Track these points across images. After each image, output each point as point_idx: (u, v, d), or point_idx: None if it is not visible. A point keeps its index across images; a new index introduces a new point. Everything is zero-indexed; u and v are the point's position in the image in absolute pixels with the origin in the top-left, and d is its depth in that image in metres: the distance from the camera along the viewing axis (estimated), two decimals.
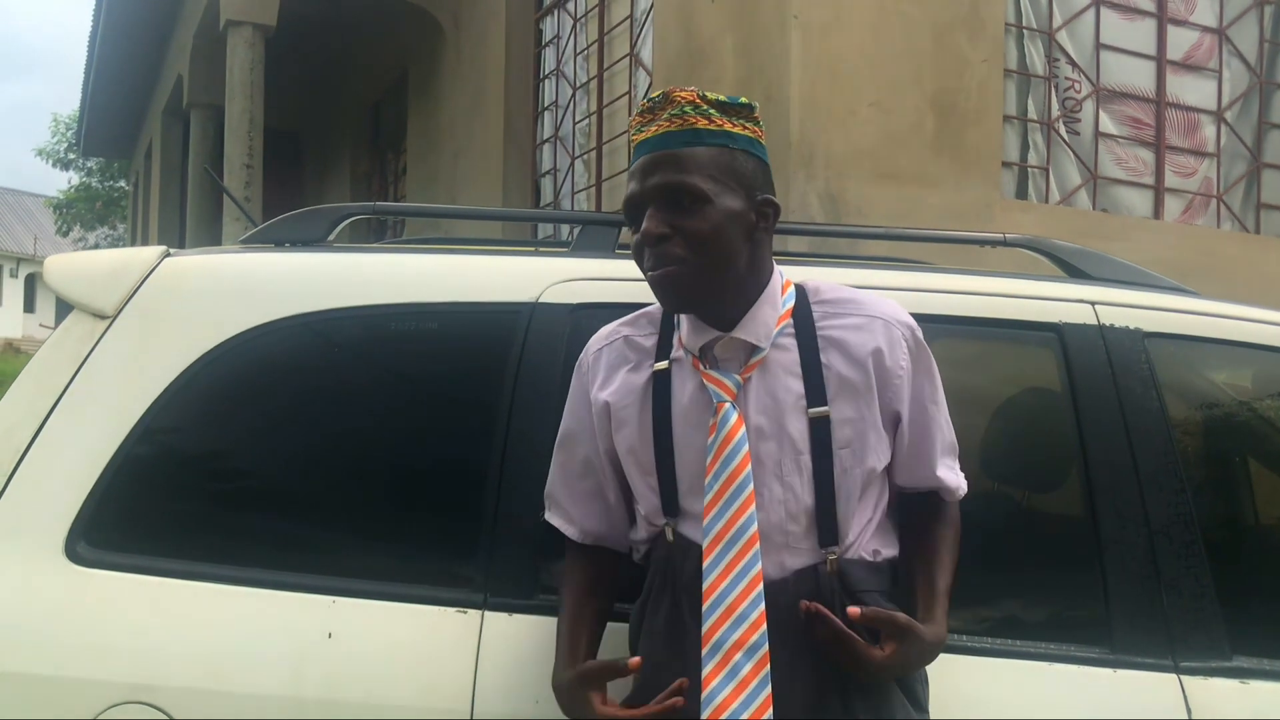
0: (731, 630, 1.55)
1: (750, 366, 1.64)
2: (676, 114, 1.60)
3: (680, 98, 1.61)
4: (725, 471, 1.59)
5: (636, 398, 1.69)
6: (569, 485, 1.80)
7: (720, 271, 1.60)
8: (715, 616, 1.56)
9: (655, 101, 1.63)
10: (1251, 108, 6.22)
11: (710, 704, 1.54)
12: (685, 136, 1.59)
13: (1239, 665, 1.87)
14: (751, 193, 1.62)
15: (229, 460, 1.95)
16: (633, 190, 1.62)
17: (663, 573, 1.66)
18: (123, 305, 1.93)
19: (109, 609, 1.79)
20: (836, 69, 4.77)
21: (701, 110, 1.60)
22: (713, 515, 1.59)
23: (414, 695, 1.76)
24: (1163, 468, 1.95)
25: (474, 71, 8.66)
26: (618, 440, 1.72)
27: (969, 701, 1.78)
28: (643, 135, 1.62)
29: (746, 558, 1.57)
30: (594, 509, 1.79)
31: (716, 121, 1.61)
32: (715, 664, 1.55)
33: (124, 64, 15.15)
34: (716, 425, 1.61)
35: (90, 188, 28.34)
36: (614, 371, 1.74)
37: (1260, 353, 2.15)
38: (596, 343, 1.79)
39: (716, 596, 1.56)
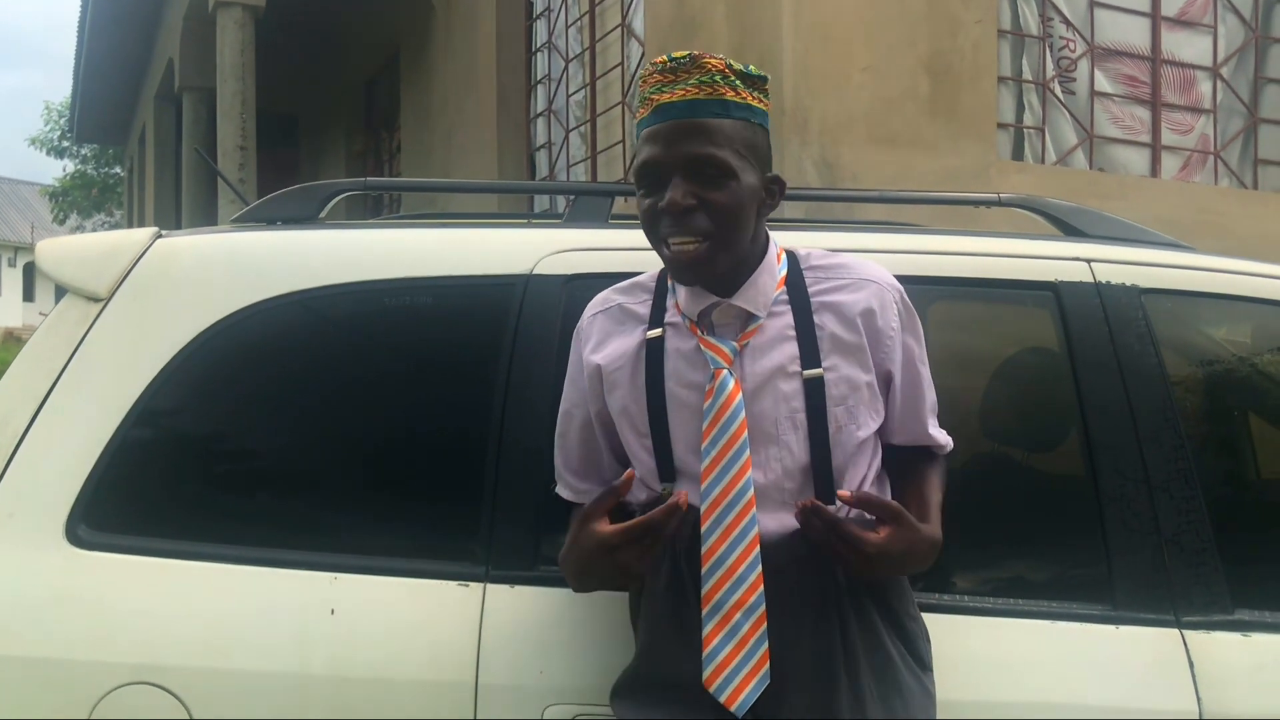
0: (731, 591, 1.58)
1: (748, 334, 1.66)
2: (706, 81, 1.58)
3: (710, 65, 1.58)
4: (723, 437, 1.61)
5: (629, 361, 1.71)
6: (570, 455, 1.81)
7: (737, 247, 1.62)
8: (715, 578, 1.59)
9: (680, 62, 1.60)
10: (1247, 63, 6.19)
11: (712, 662, 1.57)
12: (714, 107, 1.58)
13: (1240, 618, 1.88)
14: (765, 167, 1.65)
15: (227, 439, 1.96)
16: (656, 155, 1.60)
17: (660, 535, 1.64)
18: (116, 287, 1.93)
19: (111, 591, 1.79)
20: (829, 34, 4.74)
21: (730, 81, 1.59)
22: (711, 479, 1.61)
23: (418, 668, 1.77)
24: (1162, 424, 1.95)
25: (465, 47, 8.62)
26: (610, 403, 1.73)
27: (972, 661, 1.79)
28: (668, 97, 1.59)
29: (744, 520, 1.59)
30: (595, 477, 1.80)
31: (741, 94, 1.60)
32: (715, 624, 1.58)
33: (114, 49, 15.08)
34: (714, 391, 1.62)
35: (85, 175, 28.30)
36: (607, 336, 1.75)
37: (1258, 306, 2.14)
38: (591, 309, 1.80)
39: (716, 559, 1.59)
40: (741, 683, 1.57)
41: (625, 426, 1.72)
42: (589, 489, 1.79)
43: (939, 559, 1.65)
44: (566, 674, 1.77)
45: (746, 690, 1.57)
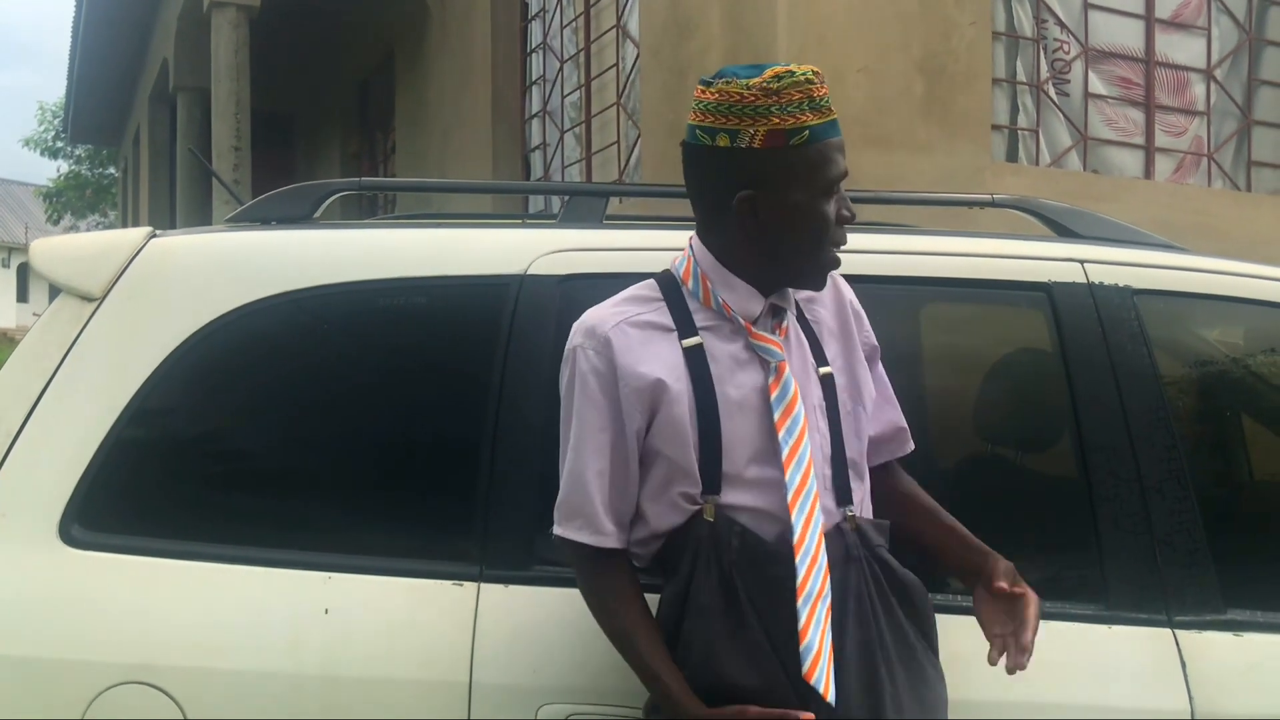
0: (815, 580, 1.59)
1: (784, 329, 1.70)
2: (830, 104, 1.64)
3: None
4: (797, 425, 1.64)
5: (678, 366, 1.65)
6: (611, 490, 1.66)
7: None
8: (805, 567, 1.59)
9: (821, 79, 1.63)
10: (1241, 65, 6.20)
11: (810, 654, 1.56)
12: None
13: (1233, 618, 1.88)
14: None
15: (221, 439, 1.96)
16: (845, 168, 1.65)
17: (706, 555, 1.62)
18: (110, 287, 1.93)
19: (105, 591, 1.79)
20: (824, 35, 4.75)
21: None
22: (792, 468, 1.63)
23: (413, 668, 1.77)
24: (1154, 424, 1.96)
25: (460, 47, 8.62)
26: (660, 419, 1.65)
27: (966, 661, 1.79)
28: (833, 116, 1.63)
29: (816, 508, 1.63)
30: (627, 515, 1.69)
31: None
32: (808, 614, 1.58)
33: (108, 50, 15.06)
34: (780, 381, 1.65)
35: (80, 175, 28.22)
36: (646, 347, 1.66)
37: (1251, 307, 2.15)
38: (606, 323, 1.67)
39: (805, 548, 1.60)
40: (827, 671, 1.57)
41: (670, 441, 1.65)
42: (617, 533, 1.67)
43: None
44: (560, 673, 1.77)
45: (830, 677, 1.57)
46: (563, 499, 1.67)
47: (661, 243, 2.04)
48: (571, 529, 1.66)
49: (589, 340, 1.66)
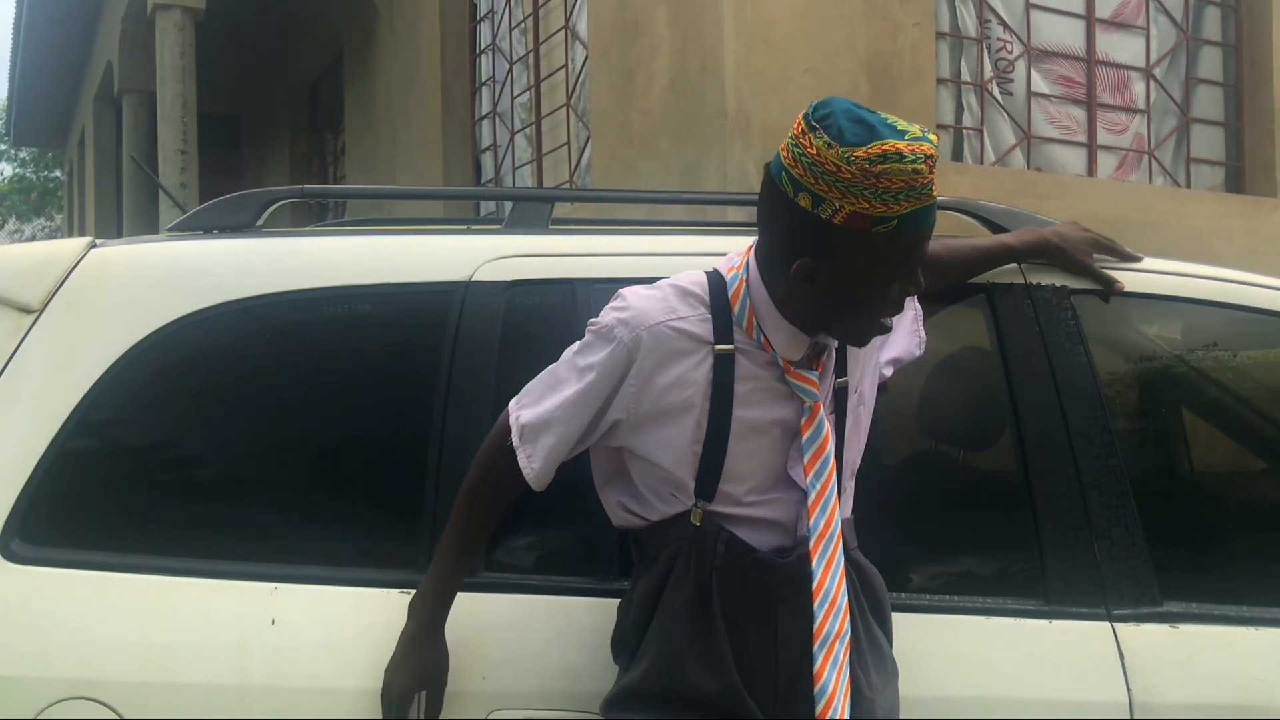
0: (834, 622, 1.60)
1: (822, 364, 1.69)
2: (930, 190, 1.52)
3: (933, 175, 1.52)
4: (825, 471, 1.64)
5: (701, 386, 1.64)
6: (558, 443, 1.68)
7: None
8: (824, 611, 1.60)
9: (932, 161, 1.51)
10: (1179, 64, 6.31)
11: (824, 697, 1.58)
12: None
13: (1169, 610, 1.92)
14: None
15: (164, 451, 1.94)
16: (918, 239, 1.55)
17: (685, 555, 1.64)
18: (49, 298, 1.91)
19: (48, 606, 1.77)
20: (770, 37, 4.78)
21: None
22: (817, 515, 1.63)
23: (360, 677, 1.76)
24: (1092, 421, 1.99)
25: (409, 48, 8.57)
26: (656, 428, 1.66)
27: (909, 657, 1.82)
28: (934, 196, 1.53)
29: (840, 552, 1.63)
30: (557, 461, 1.71)
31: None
32: (824, 657, 1.59)
33: (51, 51, 14.82)
34: (813, 426, 1.65)
35: (24, 179, 27.76)
36: (674, 361, 1.64)
37: (1184, 306, 2.19)
38: (647, 320, 1.63)
39: (825, 593, 1.61)
40: (841, 712, 1.58)
41: (671, 452, 1.66)
42: (546, 474, 1.70)
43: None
44: (510, 679, 1.78)
45: (847, 714, 1.59)
46: (528, 413, 1.69)
47: (608, 248, 2.06)
48: (520, 435, 1.69)
49: (623, 329, 1.63)
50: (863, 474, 1.84)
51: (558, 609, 1.83)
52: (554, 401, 1.68)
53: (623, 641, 1.72)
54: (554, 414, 1.67)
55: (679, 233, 2.21)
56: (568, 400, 1.67)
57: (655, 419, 1.65)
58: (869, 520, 1.81)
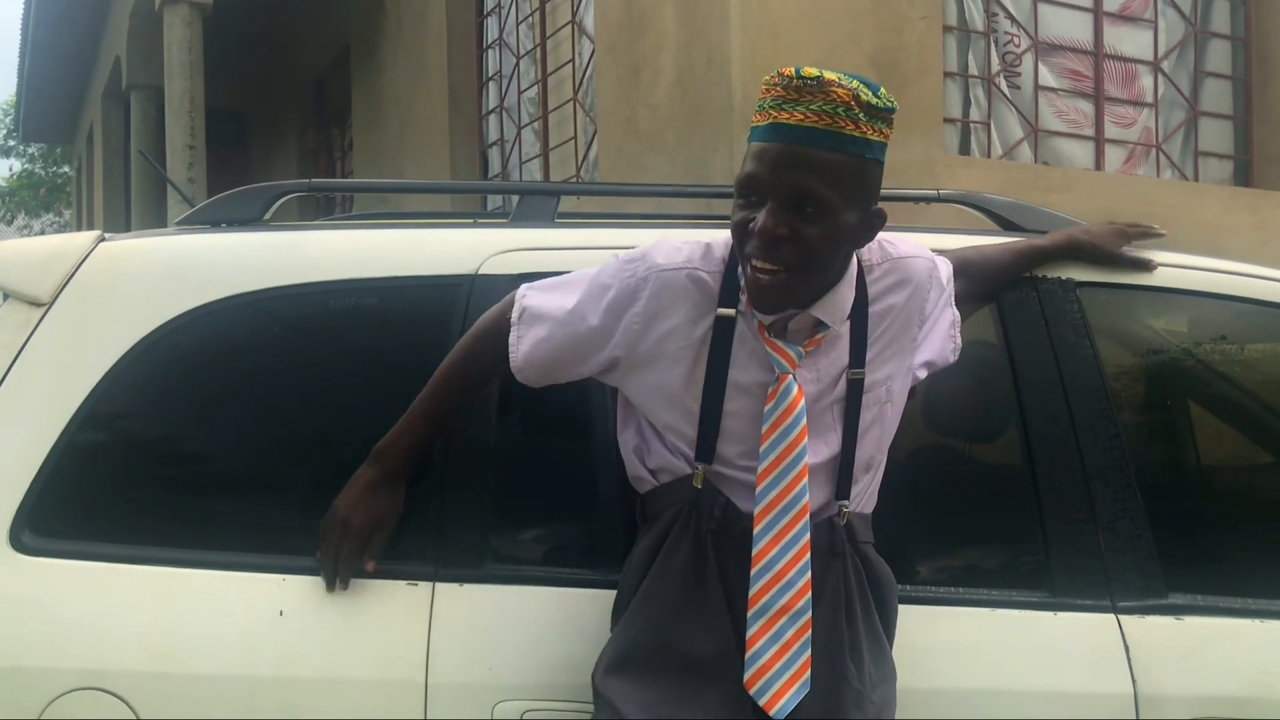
0: (778, 596, 1.60)
1: (816, 341, 1.66)
2: (827, 109, 1.52)
3: (836, 94, 1.52)
4: (783, 443, 1.63)
5: (692, 345, 1.66)
6: (551, 347, 1.73)
7: (819, 279, 1.61)
8: (763, 582, 1.61)
9: (806, 82, 1.53)
10: (1187, 57, 6.29)
11: (754, 665, 1.60)
12: (829, 139, 1.53)
13: (1174, 602, 1.92)
14: (868, 204, 1.61)
15: (173, 443, 1.95)
16: (759, 174, 1.56)
17: (685, 516, 1.67)
18: (58, 292, 1.92)
19: (57, 597, 1.78)
20: (777, 31, 4.77)
21: (852, 113, 1.53)
22: (766, 484, 1.63)
23: (369, 668, 1.77)
24: (1097, 414, 1.99)
25: (416, 43, 8.58)
26: (659, 375, 1.68)
27: (915, 649, 1.82)
28: (783, 117, 1.54)
29: (797, 528, 1.62)
30: (543, 361, 1.75)
31: (862, 128, 1.54)
32: (760, 627, 1.60)
33: (60, 47, 14.87)
34: (777, 395, 1.64)
35: (33, 174, 27.82)
36: (680, 309, 1.66)
37: (1191, 299, 2.19)
38: (669, 264, 1.67)
39: (766, 563, 1.61)
40: (783, 687, 1.60)
41: (663, 401, 1.70)
42: (531, 367, 1.75)
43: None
44: (515, 671, 1.78)
45: (787, 696, 1.60)
46: (534, 299, 1.75)
47: (614, 241, 2.06)
48: (519, 315, 1.75)
49: (642, 265, 1.67)
50: None
51: (564, 601, 1.84)
52: (561, 301, 1.73)
53: (620, 604, 1.73)
54: (556, 312, 1.72)
55: (685, 226, 2.21)
56: (574, 307, 1.71)
57: (650, 363, 1.68)
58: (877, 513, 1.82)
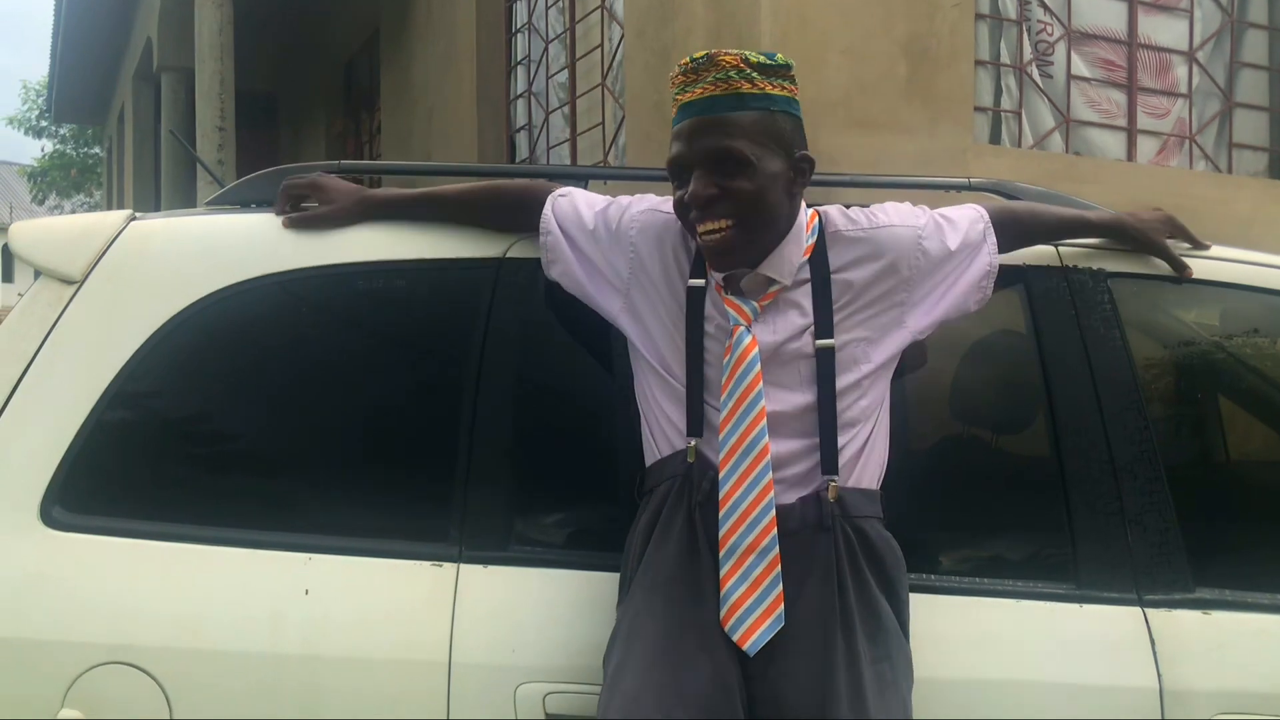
0: (745, 535, 1.67)
1: (767, 296, 1.75)
2: (721, 78, 1.68)
3: (724, 61, 1.68)
4: (739, 389, 1.70)
5: (673, 306, 1.80)
6: (584, 218, 1.88)
7: (765, 230, 1.72)
8: (730, 522, 1.68)
9: (698, 63, 1.70)
10: (1223, 47, 6.21)
11: (727, 601, 1.67)
12: (730, 101, 1.68)
13: (1201, 596, 1.91)
14: (790, 151, 1.73)
15: (201, 421, 1.97)
16: (680, 151, 1.71)
17: (679, 489, 1.74)
18: (90, 269, 1.93)
19: (86, 572, 1.80)
20: (807, 17, 4.74)
21: (745, 74, 1.68)
22: (728, 429, 1.70)
23: (392, 648, 1.79)
24: (1126, 406, 1.98)
25: (444, 27, 8.58)
26: (653, 325, 1.81)
27: (940, 640, 1.82)
28: (688, 96, 1.70)
29: (758, 468, 1.68)
30: (575, 220, 1.89)
31: (759, 85, 1.69)
32: (730, 566, 1.67)
33: (92, 28, 14.95)
34: (732, 346, 1.72)
35: (64, 155, 28.03)
36: (663, 239, 1.83)
37: (1223, 290, 2.17)
38: (658, 211, 1.85)
39: (732, 504, 1.68)
40: (754, 623, 1.65)
41: (653, 372, 1.80)
42: (557, 230, 1.89)
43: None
44: (538, 653, 1.80)
45: (759, 631, 1.65)
46: (571, 191, 1.94)
47: None
48: (561, 194, 1.92)
49: (640, 208, 1.86)
50: (893, 456, 1.84)
51: (587, 584, 1.84)
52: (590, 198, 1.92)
53: (624, 581, 1.77)
54: (587, 198, 1.92)
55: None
56: (599, 201, 1.91)
57: (646, 301, 1.81)
58: (901, 502, 1.81)
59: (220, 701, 1.76)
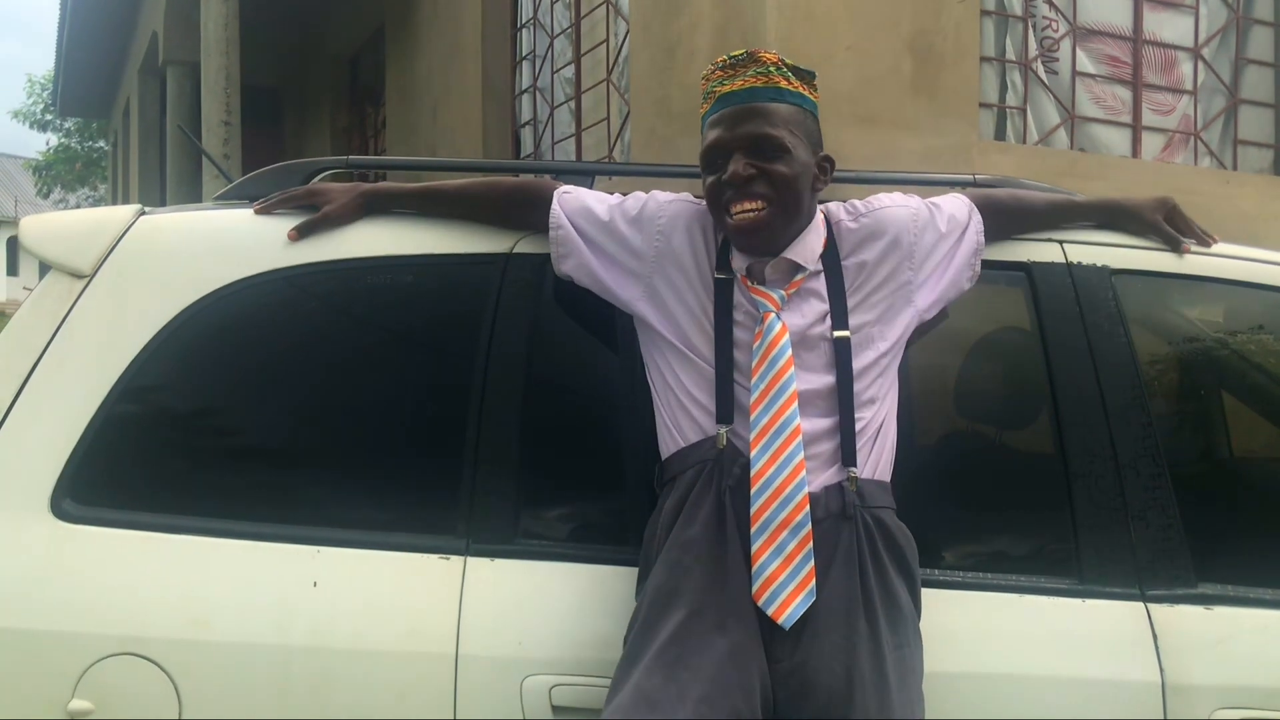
0: (779, 511, 1.71)
1: (795, 283, 1.83)
2: (762, 72, 1.80)
3: (766, 59, 1.80)
4: (771, 371, 1.76)
5: (700, 297, 1.85)
6: (596, 213, 1.92)
7: (793, 216, 1.81)
8: (763, 499, 1.72)
9: (738, 59, 1.81)
10: (1229, 44, 6.21)
11: (760, 576, 1.70)
12: (771, 93, 1.80)
13: (1204, 592, 1.92)
14: (816, 149, 1.85)
15: (211, 415, 1.98)
16: (720, 136, 1.80)
17: (708, 474, 1.77)
18: (99, 264, 1.95)
19: (96, 564, 1.82)
20: (813, 13, 4.75)
21: (783, 72, 1.81)
22: (759, 410, 1.75)
23: (399, 640, 1.80)
24: (1130, 402, 1.99)
25: (450, 22, 8.59)
26: (678, 312, 1.85)
27: (945, 633, 1.83)
28: (729, 88, 1.81)
29: (790, 447, 1.73)
30: (574, 217, 1.92)
31: (794, 84, 1.82)
32: (764, 541, 1.71)
33: (98, 22, 14.96)
34: (763, 331, 1.78)
35: (69, 148, 28.07)
36: (692, 228, 1.89)
37: (1227, 287, 2.18)
38: (686, 205, 1.92)
39: (764, 481, 1.72)
40: (789, 598, 1.69)
41: (678, 355, 1.84)
42: (564, 217, 1.92)
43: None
44: (544, 646, 1.81)
45: (794, 604, 1.69)
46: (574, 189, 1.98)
47: None
48: (566, 191, 1.96)
49: (667, 198, 1.92)
50: (899, 451, 1.85)
51: (593, 578, 1.86)
52: (597, 194, 1.97)
53: (644, 570, 1.79)
54: (592, 194, 1.96)
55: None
56: (607, 196, 1.95)
57: (670, 288, 1.86)
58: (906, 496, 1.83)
59: (229, 693, 1.77)
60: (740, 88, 1.80)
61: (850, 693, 1.64)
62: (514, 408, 1.92)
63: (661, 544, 1.76)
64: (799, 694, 1.67)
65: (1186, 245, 2.11)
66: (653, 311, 1.87)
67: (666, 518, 1.77)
